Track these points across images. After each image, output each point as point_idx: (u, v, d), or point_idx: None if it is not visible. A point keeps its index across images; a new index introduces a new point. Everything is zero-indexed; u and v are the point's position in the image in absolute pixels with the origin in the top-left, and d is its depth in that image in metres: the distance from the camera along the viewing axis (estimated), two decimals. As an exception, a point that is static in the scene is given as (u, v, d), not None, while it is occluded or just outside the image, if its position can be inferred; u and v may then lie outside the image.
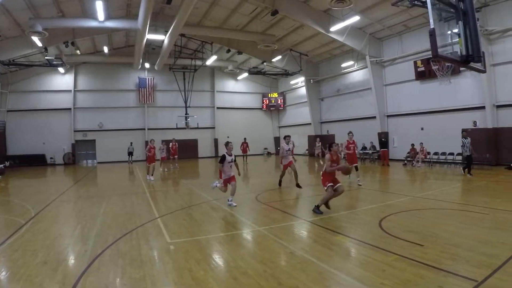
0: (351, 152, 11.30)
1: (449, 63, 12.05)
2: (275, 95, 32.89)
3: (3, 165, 18.29)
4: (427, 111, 18.11)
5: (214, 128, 31.14)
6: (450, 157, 16.02)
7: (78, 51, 23.27)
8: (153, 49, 25.36)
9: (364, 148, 20.45)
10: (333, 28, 17.81)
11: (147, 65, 26.91)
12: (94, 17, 16.64)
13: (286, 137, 10.87)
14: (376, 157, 19.96)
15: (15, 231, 6.20)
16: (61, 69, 25.60)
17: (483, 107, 15.28)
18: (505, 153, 14.62)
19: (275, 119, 34.16)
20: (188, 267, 4.31)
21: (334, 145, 7.24)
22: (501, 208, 6.91)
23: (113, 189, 12.31)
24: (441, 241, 4.92)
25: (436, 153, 16.83)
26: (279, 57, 24.20)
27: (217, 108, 31.34)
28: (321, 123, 27.39)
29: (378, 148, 19.62)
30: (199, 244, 5.29)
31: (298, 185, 10.20)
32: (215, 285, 3.79)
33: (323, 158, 20.38)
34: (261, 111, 33.36)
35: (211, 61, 24.69)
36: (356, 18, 16.50)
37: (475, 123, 15.84)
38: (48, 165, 25.53)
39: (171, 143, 19.88)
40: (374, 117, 20.90)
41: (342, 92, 24.73)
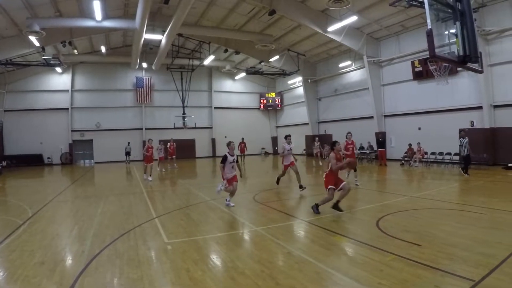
0: (349, 153, 11.22)
1: (446, 63, 12.12)
2: (273, 95, 32.91)
3: (0, 165, 18.23)
4: (424, 111, 18.17)
5: (211, 128, 31.09)
6: (448, 157, 16.06)
7: (75, 51, 23.20)
8: (150, 48, 25.34)
9: (362, 148, 20.44)
10: (330, 28, 17.85)
11: (144, 65, 26.84)
12: (91, 16, 16.61)
13: (287, 136, 10.60)
14: (374, 157, 19.97)
15: (12, 231, 6.18)
16: (58, 69, 25.53)
17: (480, 107, 15.35)
18: (502, 153, 14.69)
19: (272, 119, 34.16)
20: (186, 267, 4.31)
21: (337, 143, 7.20)
22: (498, 208, 6.93)
23: (110, 189, 12.27)
24: (438, 241, 4.94)
25: (433, 153, 16.86)
26: (276, 57, 24.17)
27: (215, 108, 31.30)
28: (319, 123, 27.43)
29: (375, 148, 19.64)
30: (197, 244, 5.29)
31: (301, 186, 9.89)
32: (212, 285, 3.79)
33: (321, 158, 20.54)
34: (258, 111, 33.36)
35: (208, 61, 24.71)
36: (353, 18, 16.52)
37: (472, 123, 15.90)
38: (46, 165, 25.42)
39: (169, 143, 19.79)
40: (372, 117, 20.93)
41: (339, 92, 24.75)
